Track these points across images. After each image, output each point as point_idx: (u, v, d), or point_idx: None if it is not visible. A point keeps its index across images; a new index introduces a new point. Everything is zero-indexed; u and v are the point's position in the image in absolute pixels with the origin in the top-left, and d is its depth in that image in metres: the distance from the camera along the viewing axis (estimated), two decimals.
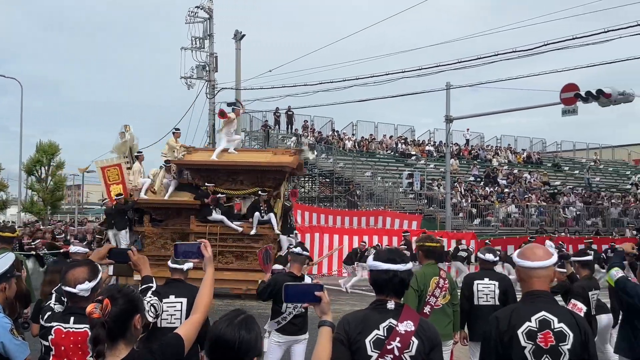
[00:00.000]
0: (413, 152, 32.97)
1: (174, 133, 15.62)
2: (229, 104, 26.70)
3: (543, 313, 2.95)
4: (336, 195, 28.30)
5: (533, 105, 21.15)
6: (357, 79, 21.99)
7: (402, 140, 34.25)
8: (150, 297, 3.82)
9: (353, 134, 33.83)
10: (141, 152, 15.21)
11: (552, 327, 2.91)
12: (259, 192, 13.72)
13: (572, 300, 5.52)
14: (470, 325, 5.65)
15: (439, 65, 20.12)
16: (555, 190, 30.96)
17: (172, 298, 4.64)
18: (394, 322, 2.86)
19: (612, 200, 30.53)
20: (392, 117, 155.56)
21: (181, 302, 4.65)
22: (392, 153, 32.86)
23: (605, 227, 27.41)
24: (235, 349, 2.04)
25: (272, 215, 13.55)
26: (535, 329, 2.92)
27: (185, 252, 3.23)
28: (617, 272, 4.49)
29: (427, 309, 5.35)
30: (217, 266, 10.87)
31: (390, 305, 2.90)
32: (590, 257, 5.85)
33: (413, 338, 2.85)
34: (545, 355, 2.89)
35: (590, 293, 5.58)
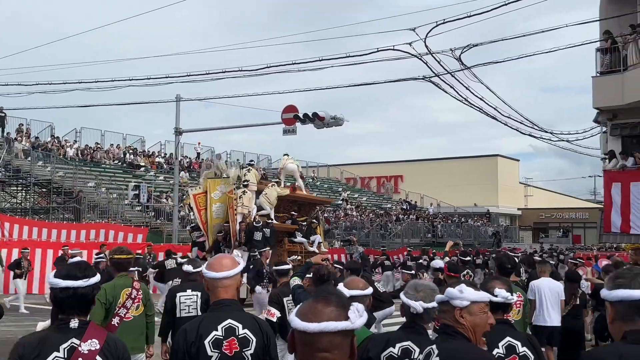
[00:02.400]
0: (142, 163, 32.05)
1: (252, 165, 18.13)
2: None
3: (229, 321, 3.05)
4: (54, 206, 25.96)
5: (258, 123, 22.40)
6: (79, 82, 20.62)
7: (131, 151, 33.08)
8: None
9: (76, 141, 31.50)
10: (249, 181, 16.13)
11: (237, 333, 3.03)
12: (313, 220, 17.92)
13: (268, 306, 5.95)
14: (173, 337, 5.68)
15: (169, 77, 20.02)
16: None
17: None
18: (77, 341, 2.72)
19: (326, 215, 33.80)
20: (122, 126, 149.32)
21: None
22: (120, 163, 31.51)
23: None
24: None
25: (317, 236, 17.53)
26: (221, 337, 3.00)
27: None
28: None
29: (115, 321, 5.24)
30: None
31: (74, 324, 2.76)
32: (288, 267, 6.37)
33: (98, 357, 2.74)
34: None
35: (285, 299, 6.05)
